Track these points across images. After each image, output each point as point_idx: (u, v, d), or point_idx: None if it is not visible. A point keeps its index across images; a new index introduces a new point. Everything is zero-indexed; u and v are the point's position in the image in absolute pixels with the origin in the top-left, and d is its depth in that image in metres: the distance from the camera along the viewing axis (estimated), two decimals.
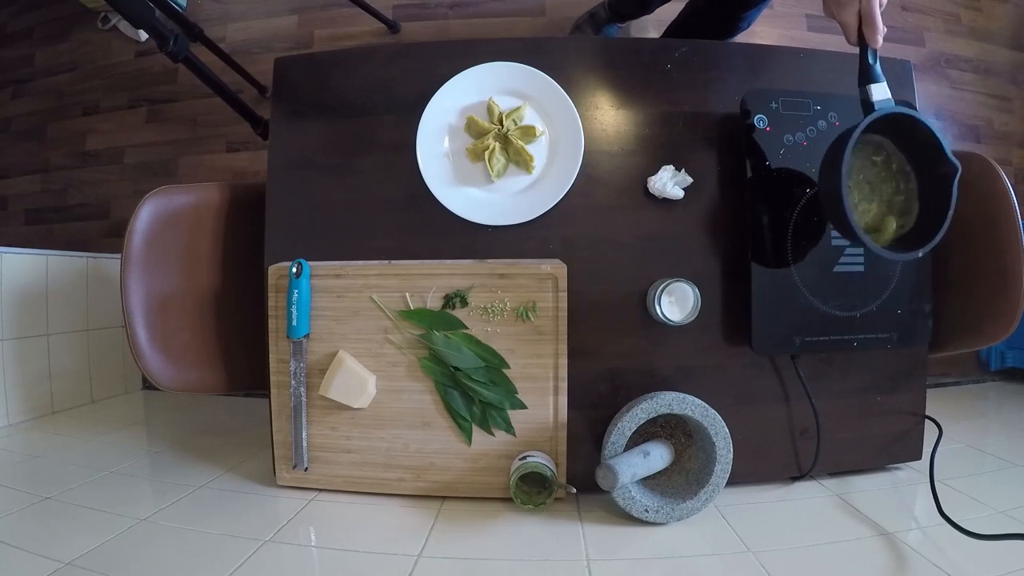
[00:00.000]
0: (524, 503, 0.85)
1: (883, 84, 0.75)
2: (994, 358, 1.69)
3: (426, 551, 0.76)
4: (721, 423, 0.84)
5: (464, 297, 0.89)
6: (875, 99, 0.75)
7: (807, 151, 0.90)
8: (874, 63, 0.76)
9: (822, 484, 0.95)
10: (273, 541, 0.78)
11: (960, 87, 1.87)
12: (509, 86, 0.93)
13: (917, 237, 0.79)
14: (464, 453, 0.90)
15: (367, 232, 0.93)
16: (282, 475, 0.92)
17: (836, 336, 0.91)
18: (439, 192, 0.91)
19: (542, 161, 0.93)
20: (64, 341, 1.45)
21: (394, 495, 0.91)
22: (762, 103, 0.90)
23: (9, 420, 1.29)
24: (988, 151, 1.79)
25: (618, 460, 0.80)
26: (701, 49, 0.96)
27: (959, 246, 0.97)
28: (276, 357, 0.92)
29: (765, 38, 1.75)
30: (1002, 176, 0.94)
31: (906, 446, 0.99)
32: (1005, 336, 0.93)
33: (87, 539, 0.76)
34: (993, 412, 1.48)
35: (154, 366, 0.93)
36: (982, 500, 0.87)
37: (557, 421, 0.89)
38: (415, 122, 0.92)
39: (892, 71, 0.99)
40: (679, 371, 0.93)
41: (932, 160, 0.77)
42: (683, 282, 0.87)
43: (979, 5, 1.91)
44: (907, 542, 0.77)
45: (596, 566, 0.73)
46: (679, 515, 0.83)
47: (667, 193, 0.91)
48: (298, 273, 0.89)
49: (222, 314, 1.02)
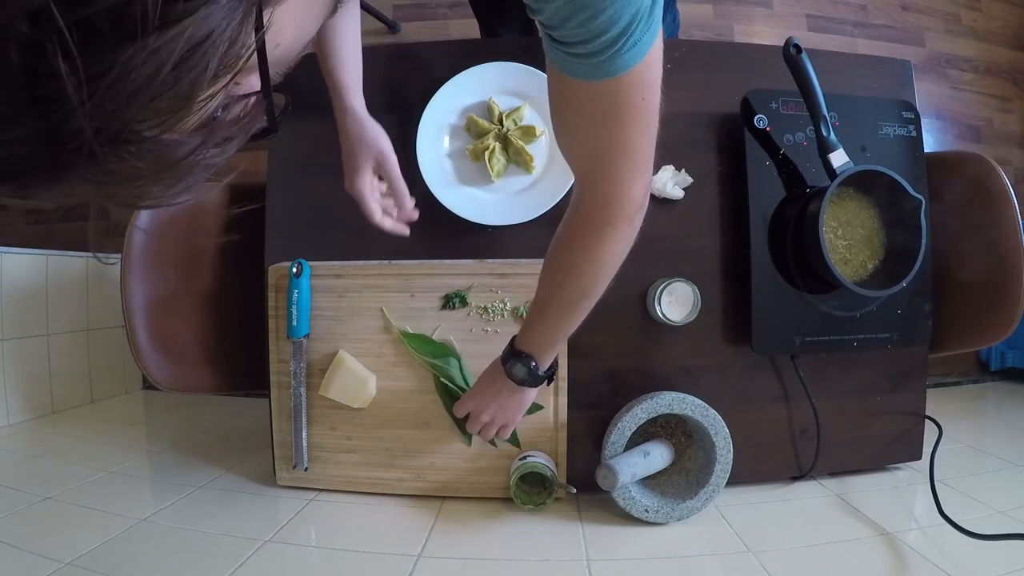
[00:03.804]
0: (524, 503, 0.85)
1: (840, 151, 0.85)
2: (994, 358, 1.69)
3: (426, 551, 0.76)
4: (721, 423, 0.84)
5: (464, 297, 0.89)
6: (836, 165, 0.84)
7: (807, 151, 0.90)
8: (828, 135, 0.85)
9: (822, 484, 0.95)
10: (273, 541, 0.78)
11: (960, 87, 1.87)
12: (509, 86, 0.93)
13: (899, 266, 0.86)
14: (464, 453, 0.90)
15: (367, 232, 0.93)
16: (282, 475, 0.92)
17: (836, 336, 0.91)
18: (439, 192, 0.91)
19: (542, 161, 0.93)
20: (64, 341, 1.45)
21: (394, 495, 0.91)
22: (762, 103, 0.90)
23: (9, 420, 1.29)
24: (988, 151, 1.79)
25: (618, 460, 0.80)
26: (701, 49, 0.96)
27: (959, 246, 0.97)
28: (276, 357, 0.92)
29: (765, 38, 1.75)
30: (1002, 176, 0.94)
31: (906, 446, 0.99)
32: (1005, 336, 0.93)
33: (87, 539, 0.76)
34: (993, 412, 1.48)
35: (154, 366, 0.93)
36: (982, 500, 0.87)
37: (557, 421, 0.89)
38: (415, 122, 0.92)
39: (892, 71, 1.00)
40: (679, 371, 0.93)
41: (899, 198, 0.86)
42: (683, 282, 0.87)
43: (979, 5, 1.91)
44: (907, 542, 0.77)
45: (596, 566, 0.73)
46: (679, 515, 0.82)
47: (667, 193, 0.91)
48: (298, 273, 0.89)
49: (222, 314, 1.02)
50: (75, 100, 0.20)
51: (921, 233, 0.85)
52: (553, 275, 0.64)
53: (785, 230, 0.90)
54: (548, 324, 0.68)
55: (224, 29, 0.22)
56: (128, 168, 0.23)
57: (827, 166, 0.85)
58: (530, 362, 0.71)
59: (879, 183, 0.86)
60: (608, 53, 0.42)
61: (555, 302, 0.65)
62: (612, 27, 0.40)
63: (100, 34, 0.20)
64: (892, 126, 0.93)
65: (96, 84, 0.20)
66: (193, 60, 0.22)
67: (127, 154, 0.23)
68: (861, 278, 0.89)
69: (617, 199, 0.54)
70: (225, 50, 0.23)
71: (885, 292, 0.86)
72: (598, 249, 0.58)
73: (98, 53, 0.20)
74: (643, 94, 0.47)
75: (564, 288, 0.63)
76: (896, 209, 0.88)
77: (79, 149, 0.21)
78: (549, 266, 0.65)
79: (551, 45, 0.45)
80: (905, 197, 0.85)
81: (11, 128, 0.21)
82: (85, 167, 0.23)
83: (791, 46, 0.84)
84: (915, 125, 0.94)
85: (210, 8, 0.21)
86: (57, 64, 0.19)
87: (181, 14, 0.21)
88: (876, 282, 0.88)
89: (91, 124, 0.21)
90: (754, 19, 1.81)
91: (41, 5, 0.18)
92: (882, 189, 0.87)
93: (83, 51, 0.19)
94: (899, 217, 0.88)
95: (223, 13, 0.22)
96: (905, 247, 0.87)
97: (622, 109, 0.48)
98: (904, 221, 0.87)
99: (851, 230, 0.90)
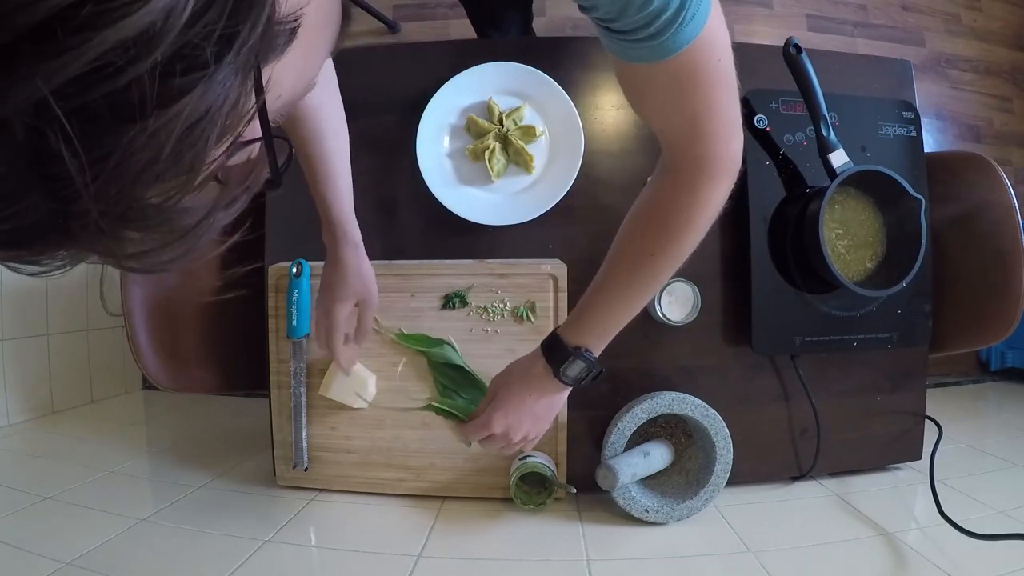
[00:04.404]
0: (524, 503, 0.85)
1: (840, 151, 0.85)
2: (994, 358, 1.69)
3: (426, 551, 0.76)
4: (721, 423, 0.84)
5: (464, 297, 0.89)
6: (836, 165, 0.84)
7: (807, 151, 0.90)
8: (828, 135, 0.85)
9: (822, 484, 0.95)
10: (273, 541, 0.78)
11: (960, 87, 1.87)
12: (509, 86, 0.93)
13: (899, 266, 0.87)
14: (464, 453, 0.90)
15: (367, 232, 0.93)
16: (282, 475, 0.92)
17: (836, 336, 0.91)
18: (439, 192, 0.91)
19: (542, 161, 0.93)
20: (64, 341, 1.45)
21: (394, 495, 0.91)
22: (762, 103, 0.90)
23: (9, 420, 1.29)
24: (988, 151, 1.79)
25: (618, 460, 0.80)
26: None
27: (959, 246, 0.97)
28: (276, 357, 0.92)
29: (765, 38, 1.75)
30: (1002, 176, 0.94)
31: (906, 446, 0.99)
32: (1005, 336, 0.93)
33: (87, 539, 0.76)
34: (993, 412, 1.48)
35: (154, 366, 0.93)
36: (982, 500, 0.87)
37: (557, 421, 0.89)
38: (415, 122, 0.92)
39: (892, 71, 1.00)
40: (679, 371, 0.93)
41: (899, 198, 0.86)
42: (683, 282, 0.87)
43: (979, 5, 1.91)
44: (907, 542, 0.77)
45: (596, 566, 0.73)
46: (679, 515, 0.82)
47: None
48: (298, 273, 0.89)
49: (222, 314, 1.02)
50: (79, 183, 0.20)
51: (921, 233, 0.85)
52: (644, 245, 0.60)
53: (785, 230, 0.90)
54: (622, 305, 0.64)
55: (222, 104, 0.22)
56: (138, 241, 0.24)
57: (827, 166, 0.85)
58: (591, 355, 0.66)
59: (879, 183, 0.86)
60: (671, 30, 0.42)
61: (641, 275, 0.61)
62: (670, 5, 0.41)
63: (99, 119, 0.20)
64: (892, 126, 0.93)
65: (99, 168, 0.20)
66: (193, 137, 0.22)
67: (136, 229, 0.23)
68: (861, 278, 0.89)
69: (716, 159, 0.53)
70: (225, 121, 0.23)
71: (885, 292, 0.86)
72: (700, 210, 0.56)
73: (98, 137, 0.20)
74: (717, 55, 0.47)
75: (657, 256, 0.59)
76: (896, 209, 0.88)
77: (87, 226, 0.22)
78: (635, 238, 0.61)
79: (611, 37, 0.45)
80: (905, 197, 0.85)
81: (18, 201, 0.21)
82: (95, 241, 0.23)
83: (791, 46, 0.84)
84: (915, 125, 0.94)
85: (208, 84, 0.21)
86: (59, 148, 0.19)
87: (178, 93, 0.21)
88: (876, 282, 0.88)
89: (96, 206, 0.21)
90: (754, 19, 1.81)
91: (40, 99, 0.19)
92: (882, 189, 0.87)
93: (83, 136, 0.20)
94: (899, 217, 0.88)
95: (220, 88, 0.22)
96: (905, 247, 0.87)
97: (700, 76, 0.48)
98: (904, 221, 0.87)
99: (851, 230, 0.90)
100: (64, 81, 0.19)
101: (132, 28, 0.19)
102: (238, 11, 0.22)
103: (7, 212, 0.21)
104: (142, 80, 0.20)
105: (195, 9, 0.20)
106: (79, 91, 0.19)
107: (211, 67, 0.21)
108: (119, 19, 0.19)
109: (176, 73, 0.21)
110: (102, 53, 0.19)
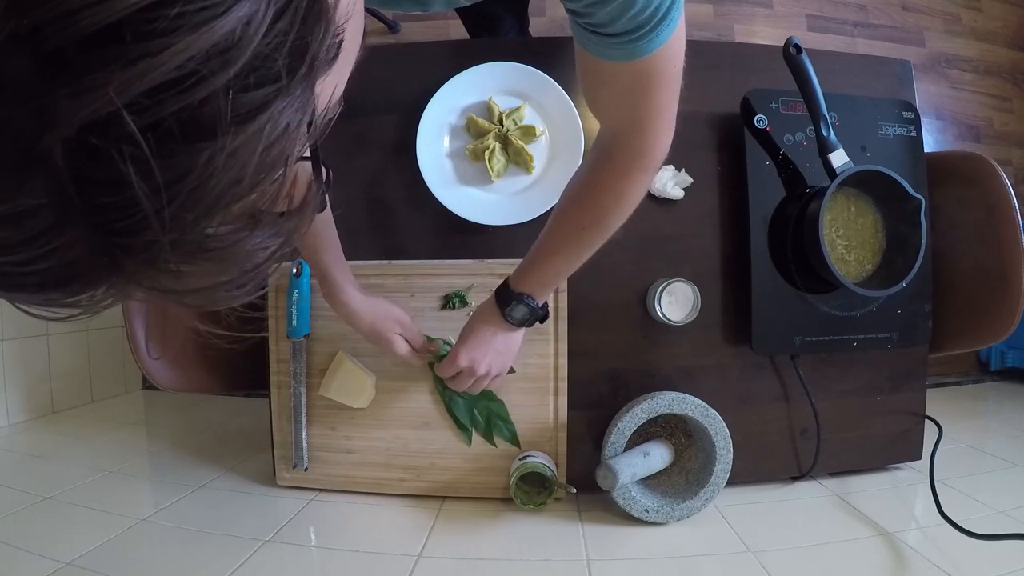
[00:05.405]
0: (524, 503, 0.85)
1: (840, 151, 0.85)
2: (994, 358, 1.69)
3: (426, 551, 0.76)
4: (721, 423, 0.84)
5: (464, 297, 0.89)
6: (836, 165, 0.85)
7: (807, 151, 0.90)
8: (828, 135, 0.85)
9: (822, 484, 0.95)
10: (273, 541, 0.78)
11: (960, 87, 1.87)
12: (509, 86, 0.93)
13: (899, 266, 0.87)
14: (464, 453, 0.90)
15: (367, 232, 0.93)
16: (282, 475, 0.92)
17: (836, 336, 0.91)
18: (439, 192, 0.91)
19: (542, 161, 0.93)
20: (64, 341, 1.45)
21: (394, 495, 0.91)
22: (762, 103, 0.90)
23: (9, 420, 1.29)
24: (988, 151, 1.79)
25: (618, 460, 0.80)
26: (701, 49, 0.96)
27: (959, 246, 0.97)
28: (276, 357, 0.92)
29: (765, 38, 1.75)
30: (1002, 176, 0.94)
31: (906, 446, 0.99)
32: (1005, 336, 0.93)
33: (87, 539, 0.76)
34: (993, 412, 1.48)
35: (154, 366, 0.93)
36: (982, 500, 0.87)
37: (557, 421, 0.89)
38: (415, 122, 0.92)
39: (892, 71, 1.00)
40: (679, 371, 0.93)
41: (899, 198, 0.86)
42: (683, 282, 0.87)
43: (979, 5, 1.91)
44: (907, 542, 0.77)
45: (596, 566, 0.73)
46: (679, 515, 0.83)
47: (667, 193, 0.91)
48: (298, 273, 0.89)
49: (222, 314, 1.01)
50: (148, 210, 0.18)
51: (921, 233, 0.85)
52: (577, 218, 0.67)
53: (785, 230, 0.90)
54: (559, 264, 0.72)
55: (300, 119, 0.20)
56: (203, 275, 0.22)
57: (827, 166, 0.85)
58: (532, 301, 0.74)
59: (879, 183, 0.86)
60: (649, 36, 0.45)
61: (573, 243, 0.69)
62: (657, 13, 0.43)
63: (171, 137, 0.18)
64: (892, 126, 0.93)
65: (173, 191, 0.18)
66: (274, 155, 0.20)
67: (203, 261, 0.21)
68: (861, 278, 0.90)
69: (652, 152, 0.59)
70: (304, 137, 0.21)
71: (885, 292, 0.86)
72: (631, 194, 0.63)
73: (172, 157, 0.18)
74: (676, 63, 0.51)
75: (587, 230, 0.67)
76: (896, 209, 0.88)
77: (153, 260, 0.20)
78: (570, 211, 0.68)
79: (591, 38, 0.47)
80: (905, 197, 0.85)
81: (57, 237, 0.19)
82: (154, 278, 0.21)
83: (791, 46, 0.84)
84: (915, 125, 0.94)
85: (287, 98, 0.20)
86: (126, 172, 0.17)
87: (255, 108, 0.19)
88: (876, 282, 0.88)
89: (168, 236, 0.19)
90: (754, 19, 1.81)
91: (107, 113, 0.16)
92: (882, 189, 0.87)
93: (158, 156, 0.17)
94: (899, 217, 0.88)
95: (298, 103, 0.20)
96: (905, 247, 0.87)
97: (658, 79, 0.51)
98: (904, 221, 0.87)
99: (851, 230, 0.90)
100: (140, 93, 0.17)
101: (217, 34, 0.17)
102: (306, 21, 0.20)
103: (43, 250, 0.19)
104: (218, 93, 0.18)
105: (273, 18, 0.18)
106: (154, 104, 0.17)
107: (283, 80, 0.19)
108: (201, 24, 0.17)
109: (250, 87, 0.19)
110: (185, 61, 0.17)
